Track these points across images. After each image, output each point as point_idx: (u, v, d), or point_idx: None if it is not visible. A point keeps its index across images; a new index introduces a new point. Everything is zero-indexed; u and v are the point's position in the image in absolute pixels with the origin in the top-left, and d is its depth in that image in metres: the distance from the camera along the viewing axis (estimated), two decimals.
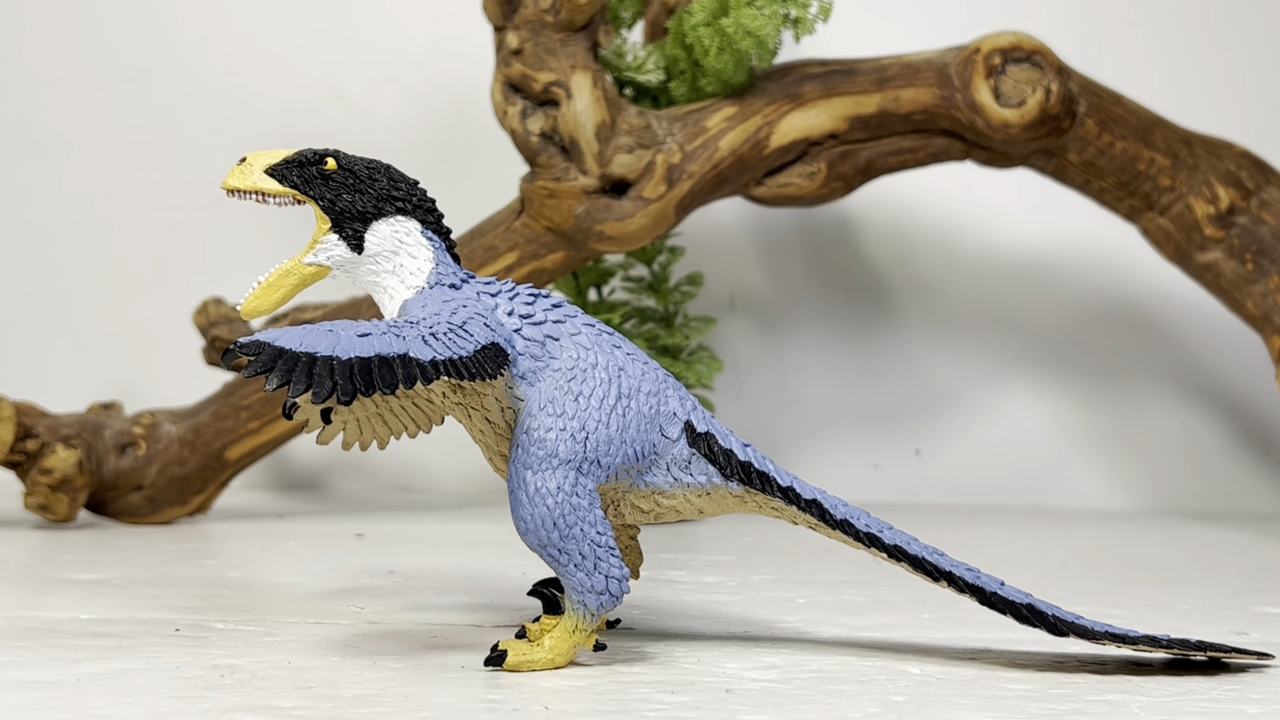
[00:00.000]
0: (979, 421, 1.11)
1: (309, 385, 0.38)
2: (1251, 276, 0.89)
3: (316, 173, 0.47)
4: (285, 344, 0.39)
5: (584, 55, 0.84)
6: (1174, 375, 1.11)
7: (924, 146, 0.89)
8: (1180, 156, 0.89)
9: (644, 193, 0.84)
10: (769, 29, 0.83)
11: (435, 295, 0.46)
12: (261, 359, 0.38)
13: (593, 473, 0.45)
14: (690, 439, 0.47)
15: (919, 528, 0.92)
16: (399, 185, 0.48)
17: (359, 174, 0.47)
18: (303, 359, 0.39)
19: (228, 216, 1.10)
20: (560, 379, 0.45)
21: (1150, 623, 0.57)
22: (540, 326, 0.46)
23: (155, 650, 0.48)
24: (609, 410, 0.45)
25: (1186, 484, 1.09)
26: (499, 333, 0.44)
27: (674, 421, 0.47)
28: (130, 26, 1.15)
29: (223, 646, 0.49)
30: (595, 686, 0.44)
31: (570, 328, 0.46)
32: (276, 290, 0.47)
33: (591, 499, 0.45)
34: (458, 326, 0.43)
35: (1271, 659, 0.49)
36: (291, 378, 0.38)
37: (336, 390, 0.38)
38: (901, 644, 0.52)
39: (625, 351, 0.47)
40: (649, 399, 0.46)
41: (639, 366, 0.47)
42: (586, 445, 0.45)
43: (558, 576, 0.46)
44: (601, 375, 0.46)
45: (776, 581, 0.68)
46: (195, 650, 0.48)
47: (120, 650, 0.48)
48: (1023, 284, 1.11)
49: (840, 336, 1.11)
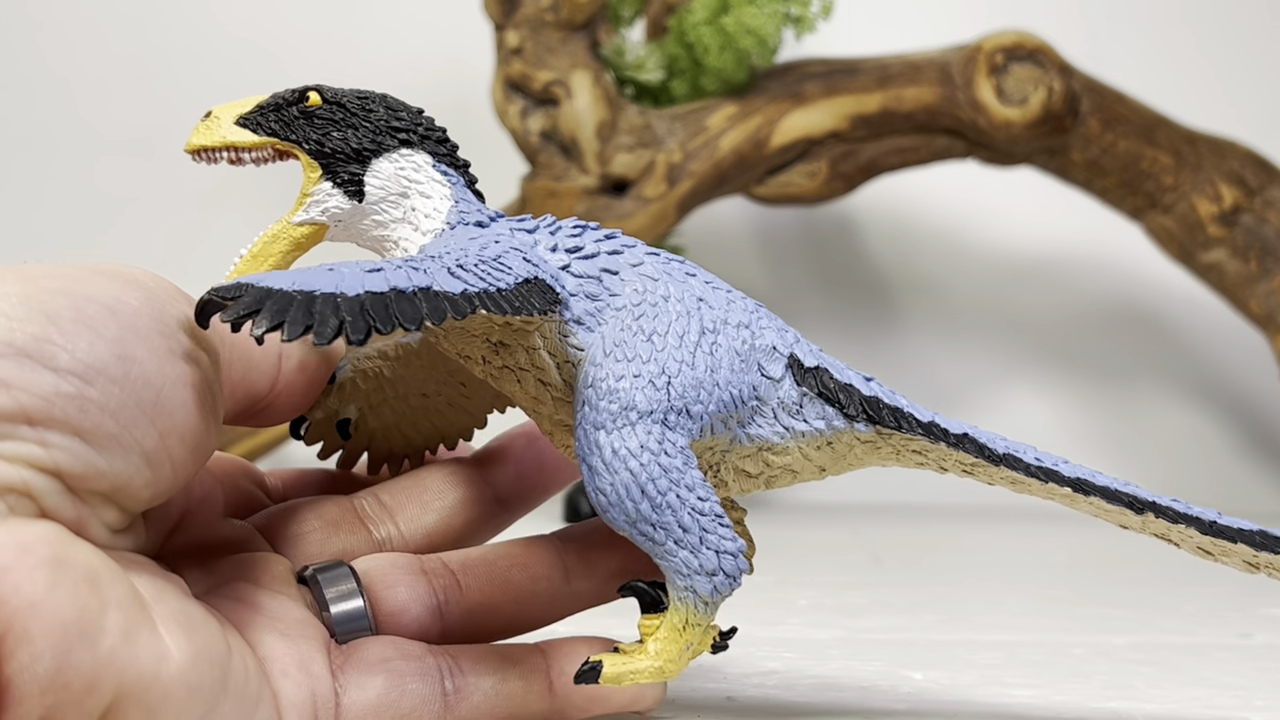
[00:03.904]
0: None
1: (308, 326, 0.29)
2: (1255, 276, 0.88)
3: (298, 112, 0.38)
4: (274, 284, 0.29)
5: (584, 54, 0.83)
6: (1177, 375, 1.10)
7: (926, 145, 0.89)
8: (1184, 155, 0.89)
9: (645, 192, 0.84)
10: (770, 27, 0.82)
11: (459, 234, 0.36)
12: (244, 300, 0.29)
13: (682, 425, 0.35)
14: (798, 376, 0.38)
15: (920, 528, 0.92)
16: (399, 114, 0.39)
17: (349, 106, 0.38)
18: (297, 297, 0.29)
19: (228, 215, 1.10)
20: (626, 318, 0.36)
21: (1154, 624, 0.57)
22: (593, 260, 0.37)
23: None
24: (692, 348, 0.36)
25: (1190, 484, 1.09)
26: (543, 269, 0.35)
27: (775, 357, 0.37)
28: (129, 26, 1.15)
29: None
30: None
31: (630, 257, 0.37)
32: (264, 261, 0.38)
33: (686, 457, 0.35)
34: (491, 259, 0.34)
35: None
36: (286, 318, 0.29)
37: (345, 328, 0.29)
38: (904, 647, 0.52)
39: (702, 279, 0.38)
40: (739, 332, 0.37)
41: (721, 295, 0.38)
42: (670, 391, 0.35)
43: (655, 560, 0.36)
44: (676, 308, 0.36)
45: (778, 583, 0.67)
46: None
47: None
48: (1025, 283, 1.11)
49: (842, 336, 1.11)
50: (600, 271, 0.36)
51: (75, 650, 0.26)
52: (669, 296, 0.37)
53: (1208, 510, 0.38)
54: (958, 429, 0.38)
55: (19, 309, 0.27)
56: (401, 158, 0.38)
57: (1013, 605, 0.63)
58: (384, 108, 0.38)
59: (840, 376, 0.38)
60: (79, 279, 0.29)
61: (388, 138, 0.38)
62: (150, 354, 0.29)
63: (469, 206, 0.38)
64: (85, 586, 0.26)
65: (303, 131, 0.38)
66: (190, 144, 0.38)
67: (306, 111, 0.38)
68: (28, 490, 0.27)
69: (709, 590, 0.35)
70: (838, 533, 0.84)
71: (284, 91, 0.38)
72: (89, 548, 0.27)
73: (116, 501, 0.29)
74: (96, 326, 0.28)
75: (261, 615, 0.33)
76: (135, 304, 0.29)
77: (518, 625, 0.39)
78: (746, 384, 0.37)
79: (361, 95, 0.38)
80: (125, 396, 0.28)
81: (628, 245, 0.37)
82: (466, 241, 0.35)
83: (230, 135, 0.38)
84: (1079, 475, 0.38)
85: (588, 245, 0.37)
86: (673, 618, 0.35)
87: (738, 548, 0.35)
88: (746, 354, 0.37)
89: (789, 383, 0.37)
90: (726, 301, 0.37)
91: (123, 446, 0.28)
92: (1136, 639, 0.54)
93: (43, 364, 0.27)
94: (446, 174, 0.38)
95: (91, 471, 0.28)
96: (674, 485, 0.35)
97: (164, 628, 0.28)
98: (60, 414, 0.27)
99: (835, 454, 0.38)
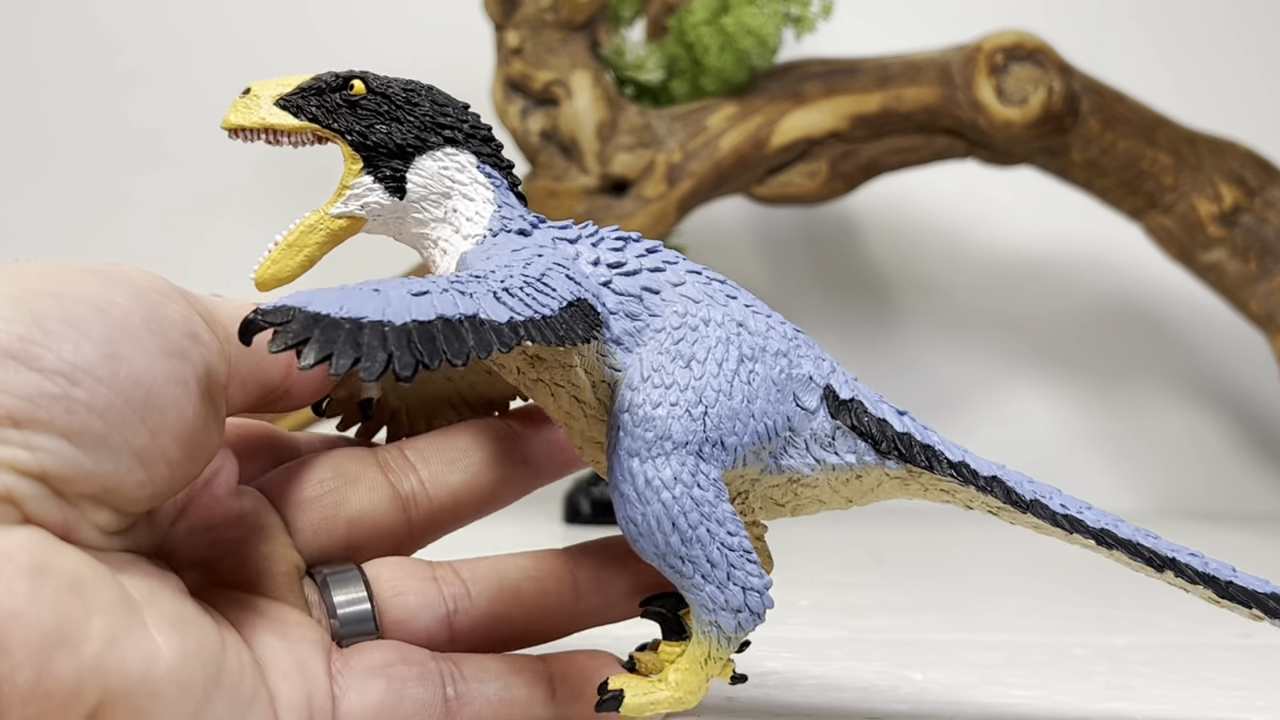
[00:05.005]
0: (982, 421, 1.11)
1: (357, 358, 0.28)
2: (1255, 276, 0.88)
3: (341, 100, 0.37)
4: (321, 308, 0.28)
5: (584, 54, 0.83)
6: (1178, 375, 1.10)
7: (926, 145, 0.89)
8: (1184, 155, 0.89)
9: (645, 192, 0.84)
10: (770, 27, 0.82)
11: (501, 244, 0.36)
12: (293, 328, 0.28)
13: (716, 457, 0.35)
14: (832, 408, 0.37)
15: (921, 528, 0.92)
16: (446, 110, 0.37)
17: (394, 98, 0.37)
18: (345, 325, 0.28)
19: (228, 215, 1.10)
20: (666, 341, 0.35)
21: (1154, 624, 0.57)
22: (635, 277, 0.36)
23: None
24: (730, 377, 0.36)
25: (1190, 484, 1.09)
26: (585, 286, 0.34)
27: (810, 388, 0.37)
28: (129, 26, 1.15)
29: None
30: None
31: (672, 276, 0.36)
32: (299, 251, 0.36)
33: (718, 490, 0.35)
34: (535, 279, 0.33)
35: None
36: (334, 349, 0.28)
37: (392, 362, 0.28)
38: (905, 647, 0.52)
39: (743, 302, 0.37)
40: (777, 360, 0.37)
41: (761, 320, 0.37)
42: (706, 422, 0.35)
43: (681, 592, 0.36)
44: (717, 333, 0.36)
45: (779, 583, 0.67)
46: None
47: None
48: (1025, 283, 1.11)
49: (842, 336, 1.11)
50: (641, 290, 0.36)
51: (56, 659, 0.26)
52: (709, 320, 0.36)
53: (1224, 568, 0.38)
54: (987, 471, 0.38)
55: (5, 309, 0.27)
56: (446, 156, 0.37)
57: (1013, 605, 0.63)
58: (430, 102, 0.37)
59: (875, 410, 0.37)
60: (68, 279, 0.29)
61: (433, 134, 0.37)
62: (139, 352, 0.29)
63: (511, 212, 0.37)
64: (67, 594, 0.26)
65: (346, 121, 0.36)
66: (228, 121, 0.37)
67: (350, 100, 0.37)
68: (10, 496, 0.26)
69: (733, 626, 0.35)
70: (839, 532, 0.84)
71: (327, 75, 0.37)
72: (74, 552, 0.27)
73: (109, 503, 0.28)
74: (83, 327, 0.28)
75: (260, 616, 0.33)
76: (125, 303, 0.29)
77: (525, 638, 0.39)
78: (781, 415, 0.36)
79: (408, 87, 0.37)
80: (113, 396, 0.28)
81: (669, 262, 0.37)
82: (510, 255, 0.34)
83: (270, 117, 0.36)
84: (1102, 525, 0.37)
85: (630, 261, 0.36)
86: (695, 650, 0.36)
87: (764, 584, 0.35)
88: (783, 384, 0.37)
89: (823, 415, 0.37)
90: (766, 327, 0.37)
91: (111, 447, 0.28)
92: (1137, 639, 0.54)
93: (27, 365, 0.27)
94: (490, 176, 0.37)
95: (79, 474, 0.27)
96: (704, 519, 0.34)
97: (155, 628, 0.28)
98: (46, 415, 0.27)
99: (864, 487, 0.38)
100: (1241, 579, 0.38)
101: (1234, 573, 0.38)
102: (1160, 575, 0.37)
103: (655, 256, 0.37)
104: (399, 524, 0.38)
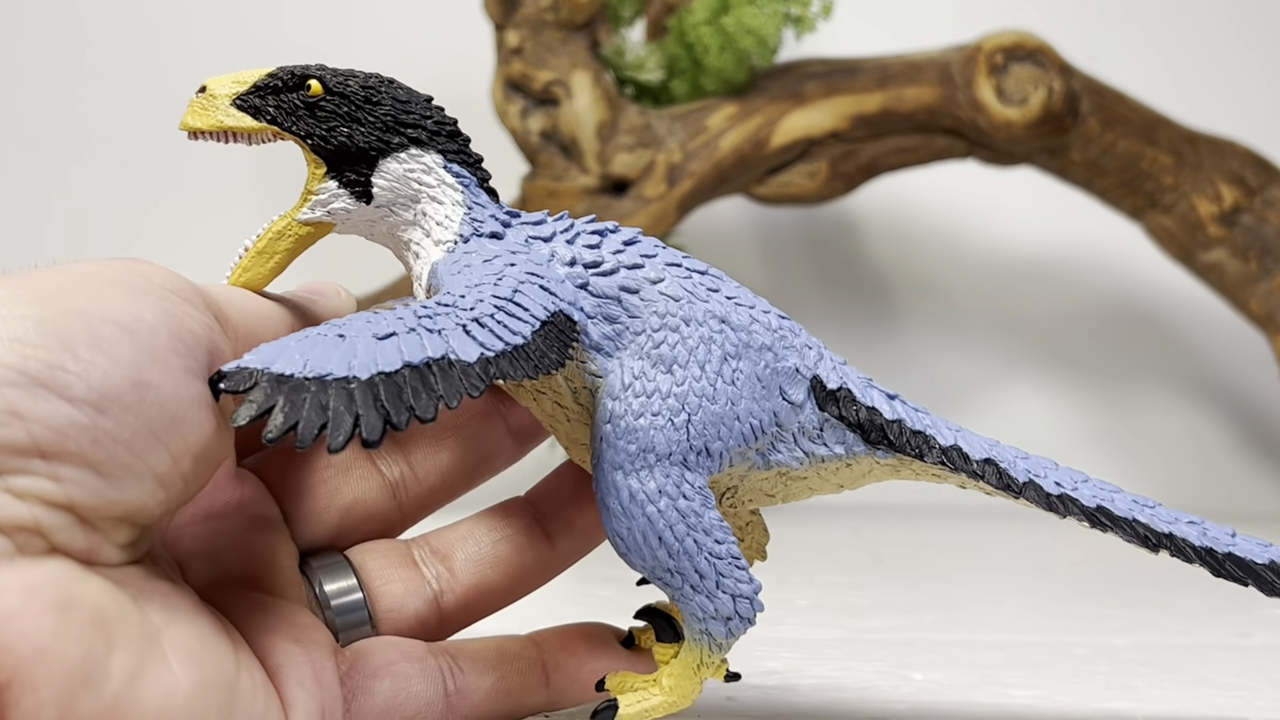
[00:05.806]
0: (982, 421, 1.11)
1: (322, 426, 0.27)
2: (1255, 275, 0.88)
3: (299, 101, 0.35)
4: (284, 367, 0.28)
5: (584, 54, 0.83)
6: (1177, 375, 1.10)
7: (926, 145, 0.89)
8: (1184, 155, 0.89)
9: (645, 192, 0.84)
10: (770, 27, 0.82)
11: (473, 252, 0.35)
12: (256, 396, 0.27)
13: (701, 464, 0.35)
14: (820, 400, 0.36)
15: (921, 527, 0.92)
16: (409, 108, 0.36)
17: (353, 98, 0.35)
18: (310, 387, 0.27)
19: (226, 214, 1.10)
20: (646, 345, 0.35)
21: (1154, 624, 0.57)
22: (612, 277, 0.35)
23: None
24: (713, 379, 0.35)
25: (1190, 484, 1.09)
26: (561, 294, 0.34)
27: (797, 380, 0.36)
28: (129, 26, 1.15)
29: None
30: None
31: (650, 272, 0.36)
32: (269, 258, 0.36)
33: (704, 498, 0.34)
34: (506, 300, 0.32)
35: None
36: (300, 417, 0.27)
37: (359, 427, 0.27)
38: (904, 647, 0.52)
39: (725, 294, 0.36)
40: (761, 355, 0.36)
41: (744, 313, 0.36)
42: (690, 430, 0.34)
43: (672, 602, 0.36)
44: (699, 332, 0.35)
45: (778, 583, 0.67)
46: None
47: None
48: (1025, 283, 1.11)
49: (842, 336, 1.11)
50: (619, 291, 0.35)
51: (79, 697, 0.26)
52: (690, 319, 0.35)
53: (1222, 535, 0.38)
54: (980, 454, 0.37)
55: (33, 333, 0.27)
56: (411, 158, 0.36)
57: (1013, 605, 0.63)
58: (391, 100, 0.36)
59: (863, 398, 0.37)
60: (96, 294, 0.28)
61: (395, 135, 0.36)
62: (166, 377, 0.28)
63: (483, 213, 0.36)
64: (91, 629, 0.26)
65: (305, 124, 0.35)
66: (185, 124, 0.36)
67: (308, 101, 0.35)
68: (38, 528, 0.26)
69: (724, 633, 0.35)
70: (838, 532, 0.84)
71: (282, 72, 0.35)
72: (98, 583, 0.27)
73: (129, 521, 0.28)
74: (112, 352, 0.27)
75: (273, 618, 0.33)
76: (152, 319, 0.29)
77: (513, 596, 0.39)
78: (768, 411, 0.36)
79: (366, 84, 0.36)
80: (139, 424, 0.27)
81: (648, 256, 0.36)
82: (481, 269, 0.33)
83: (227, 119, 0.35)
84: (1098, 503, 0.37)
85: (607, 259, 0.35)
86: (687, 656, 0.36)
87: (753, 589, 0.35)
88: (769, 379, 0.36)
89: (810, 407, 0.36)
90: (750, 320, 0.36)
91: (136, 474, 0.28)
92: (1137, 639, 0.54)
93: (57, 394, 0.26)
94: (459, 175, 0.36)
95: (104, 502, 0.27)
96: (691, 530, 0.34)
97: (173, 656, 0.28)
98: (74, 446, 0.26)
99: (854, 474, 0.38)
100: (1241, 547, 0.38)
101: (1233, 539, 0.38)
102: (1156, 555, 0.37)
103: (633, 250, 0.36)
104: (390, 510, 0.38)
